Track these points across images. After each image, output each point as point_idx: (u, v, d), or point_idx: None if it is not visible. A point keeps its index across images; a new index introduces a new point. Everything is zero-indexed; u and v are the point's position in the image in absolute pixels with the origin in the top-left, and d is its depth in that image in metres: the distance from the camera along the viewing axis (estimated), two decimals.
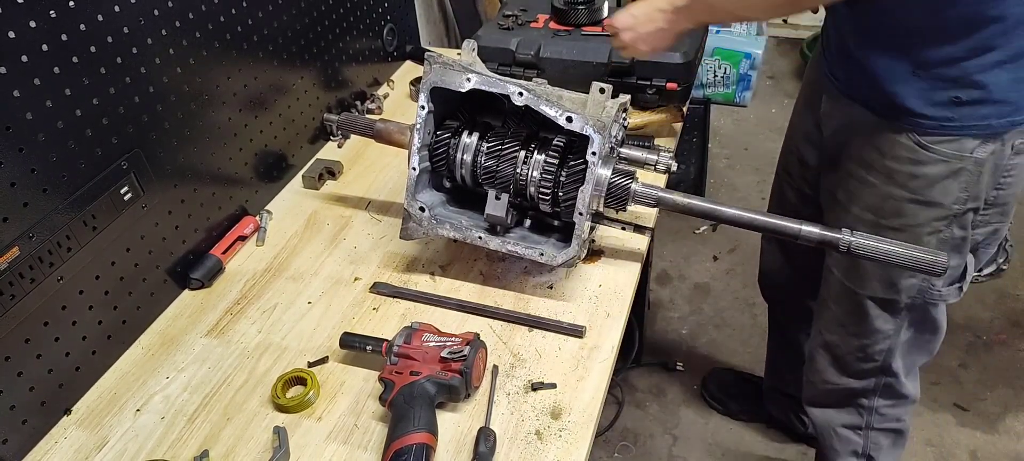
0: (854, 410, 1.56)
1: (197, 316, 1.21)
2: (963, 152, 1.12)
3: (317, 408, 1.04)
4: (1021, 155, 1.14)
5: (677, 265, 2.75)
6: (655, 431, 2.18)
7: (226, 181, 1.33)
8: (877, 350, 1.42)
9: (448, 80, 1.10)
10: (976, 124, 1.10)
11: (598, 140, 1.04)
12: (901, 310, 1.35)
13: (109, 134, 1.06)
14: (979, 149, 1.12)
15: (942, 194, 1.17)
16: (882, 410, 1.53)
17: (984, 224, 1.24)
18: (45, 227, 0.97)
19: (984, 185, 1.16)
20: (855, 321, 1.40)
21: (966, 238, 1.24)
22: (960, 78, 1.06)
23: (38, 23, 0.92)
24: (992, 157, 1.13)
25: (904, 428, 1.58)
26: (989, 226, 1.25)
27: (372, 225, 1.38)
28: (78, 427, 1.04)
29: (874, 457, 1.60)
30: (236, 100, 1.32)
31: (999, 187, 1.18)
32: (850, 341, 1.44)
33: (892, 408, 1.53)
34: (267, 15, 1.36)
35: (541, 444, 0.96)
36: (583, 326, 1.11)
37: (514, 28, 1.67)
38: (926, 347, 1.44)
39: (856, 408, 1.55)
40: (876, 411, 1.54)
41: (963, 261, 1.28)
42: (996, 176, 1.16)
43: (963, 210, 1.19)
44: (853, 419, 1.57)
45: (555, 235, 1.20)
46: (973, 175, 1.15)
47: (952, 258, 1.24)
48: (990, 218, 1.23)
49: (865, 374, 1.48)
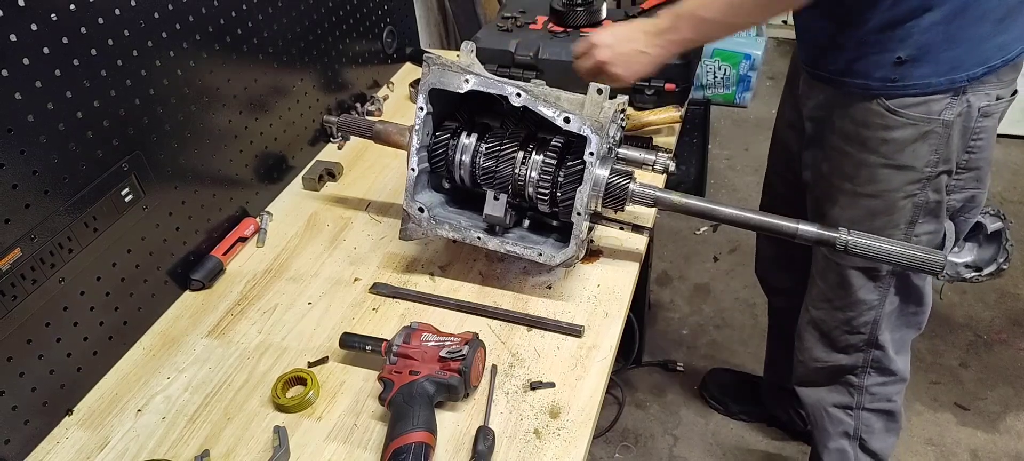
0: (844, 389, 1.56)
1: (198, 317, 1.22)
2: (931, 115, 1.15)
3: (317, 408, 1.04)
4: (989, 118, 1.18)
5: (677, 266, 2.76)
6: (656, 431, 2.19)
7: (227, 183, 1.34)
8: (862, 322, 1.43)
9: (447, 81, 1.10)
10: (915, 83, 1.14)
11: (595, 140, 1.05)
12: (883, 278, 1.36)
13: (110, 136, 1.06)
14: (946, 111, 1.15)
15: (912, 157, 1.20)
16: (872, 389, 1.54)
17: (959, 189, 1.27)
18: (47, 229, 0.98)
19: (954, 147, 1.19)
20: (840, 294, 1.42)
21: (941, 202, 1.26)
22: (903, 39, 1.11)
23: (39, 26, 0.93)
24: (960, 119, 1.16)
25: (896, 409, 1.58)
26: (965, 191, 1.28)
27: (372, 226, 1.39)
28: (80, 427, 1.05)
29: (866, 440, 1.60)
30: (236, 102, 1.33)
31: (970, 151, 1.21)
32: (836, 315, 1.46)
33: (882, 387, 1.54)
34: (267, 18, 1.37)
35: (540, 443, 0.96)
36: (582, 326, 1.12)
37: (513, 30, 1.68)
38: (913, 320, 1.46)
39: (846, 386, 1.56)
40: (866, 390, 1.54)
41: (941, 226, 1.30)
42: (965, 138, 1.19)
43: (936, 173, 1.22)
44: (843, 398, 1.58)
45: (554, 235, 1.21)
46: (941, 137, 1.17)
47: (929, 223, 1.27)
48: (965, 183, 1.26)
49: (853, 349, 1.49)
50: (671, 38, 1.18)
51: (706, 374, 2.28)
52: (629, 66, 1.22)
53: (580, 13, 1.64)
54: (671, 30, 1.17)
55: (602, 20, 1.67)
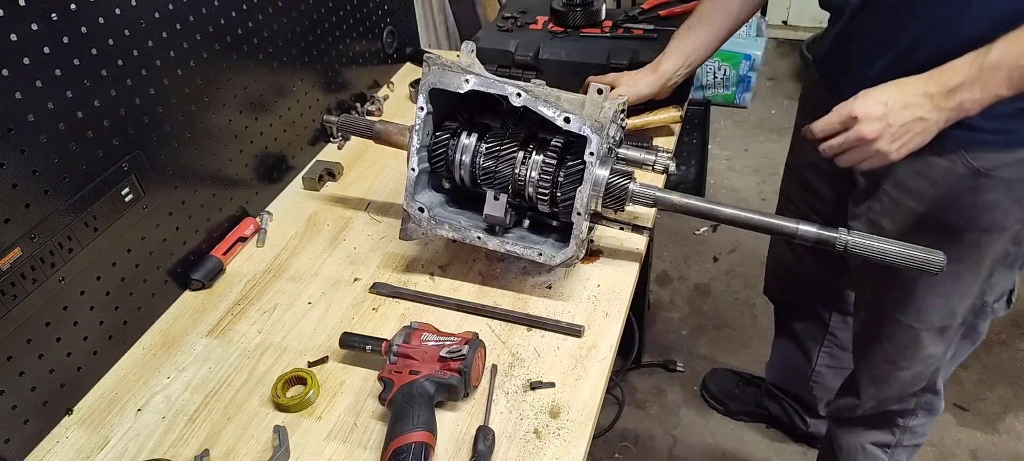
0: (888, 430, 1.54)
1: (198, 316, 1.22)
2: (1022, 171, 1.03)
3: (317, 407, 1.04)
4: None
5: (677, 266, 2.76)
6: (655, 432, 2.19)
7: (227, 182, 1.34)
8: (927, 375, 1.40)
9: (447, 81, 1.10)
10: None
11: (596, 140, 1.05)
12: (952, 329, 1.31)
13: (110, 136, 1.06)
14: None
15: (1003, 217, 1.10)
16: (916, 428, 1.52)
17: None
18: (47, 228, 0.98)
19: None
20: (910, 354, 1.36)
21: (1020, 253, 1.19)
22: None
23: (40, 26, 0.93)
24: None
25: (924, 441, 1.57)
26: None
27: (372, 226, 1.39)
28: (79, 427, 1.05)
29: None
30: (237, 102, 1.33)
31: None
32: (901, 375, 1.41)
33: (924, 425, 1.52)
34: (267, 18, 1.37)
35: (540, 442, 0.96)
36: (581, 325, 1.12)
37: (513, 30, 1.68)
38: (964, 355, 1.41)
39: (891, 428, 1.54)
40: (910, 429, 1.52)
41: (1014, 275, 1.23)
42: None
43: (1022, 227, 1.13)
44: (885, 437, 1.56)
45: (553, 235, 1.21)
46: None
47: (1004, 274, 1.20)
48: None
49: (911, 398, 1.46)
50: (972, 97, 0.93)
51: (706, 374, 2.28)
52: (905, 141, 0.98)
53: (580, 13, 1.65)
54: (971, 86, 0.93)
55: (602, 20, 1.67)
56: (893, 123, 0.97)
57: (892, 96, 0.97)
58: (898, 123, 0.96)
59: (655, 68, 1.39)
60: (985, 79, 0.91)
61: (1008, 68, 0.90)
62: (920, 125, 0.97)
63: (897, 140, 0.98)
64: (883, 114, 0.96)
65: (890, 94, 0.97)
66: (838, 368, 1.84)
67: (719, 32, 1.37)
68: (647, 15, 1.70)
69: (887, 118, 0.96)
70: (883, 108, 0.97)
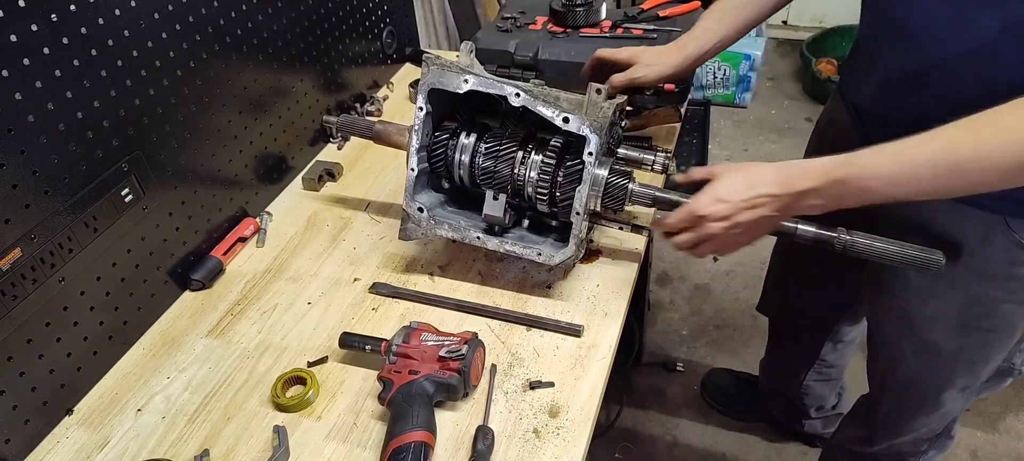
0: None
1: (198, 317, 1.22)
2: None
3: (317, 407, 1.04)
4: None
5: (677, 266, 2.76)
6: (655, 432, 2.19)
7: (226, 183, 1.34)
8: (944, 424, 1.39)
9: (446, 82, 1.10)
10: None
11: (595, 140, 1.05)
12: (975, 390, 1.29)
13: (110, 136, 1.07)
14: None
15: None
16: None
17: None
18: (47, 228, 0.98)
19: None
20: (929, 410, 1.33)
21: None
22: None
23: (40, 26, 0.93)
24: None
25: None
26: None
27: (371, 226, 1.39)
28: (80, 427, 1.05)
29: None
30: (236, 102, 1.33)
31: None
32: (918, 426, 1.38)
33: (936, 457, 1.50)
34: (267, 18, 1.37)
35: (539, 442, 0.96)
36: (581, 325, 1.12)
37: (512, 30, 1.68)
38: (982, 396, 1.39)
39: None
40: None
41: None
42: None
43: None
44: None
45: (553, 235, 1.21)
46: None
47: None
48: None
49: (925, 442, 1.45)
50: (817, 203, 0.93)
51: (705, 374, 2.28)
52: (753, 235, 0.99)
53: (579, 13, 1.65)
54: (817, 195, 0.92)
55: (601, 21, 1.67)
56: (739, 222, 0.96)
57: (739, 193, 0.95)
58: (744, 222, 0.96)
59: (681, 48, 1.30)
60: (831, 192, 0.91)
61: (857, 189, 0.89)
62: (765, 223, 0.97)
63: (744, 235, 0.99)
64: (729, 214, 0.96)
65: (737, 190, 0.95)
66: (827, 381, 1.85)
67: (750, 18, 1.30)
68: (647, 15, 1.70)
69: (732, 217, 0.96)
70: (728, 208, 0.96)
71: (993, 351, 1.18)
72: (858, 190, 0.89)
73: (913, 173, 0.85)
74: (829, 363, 1.79)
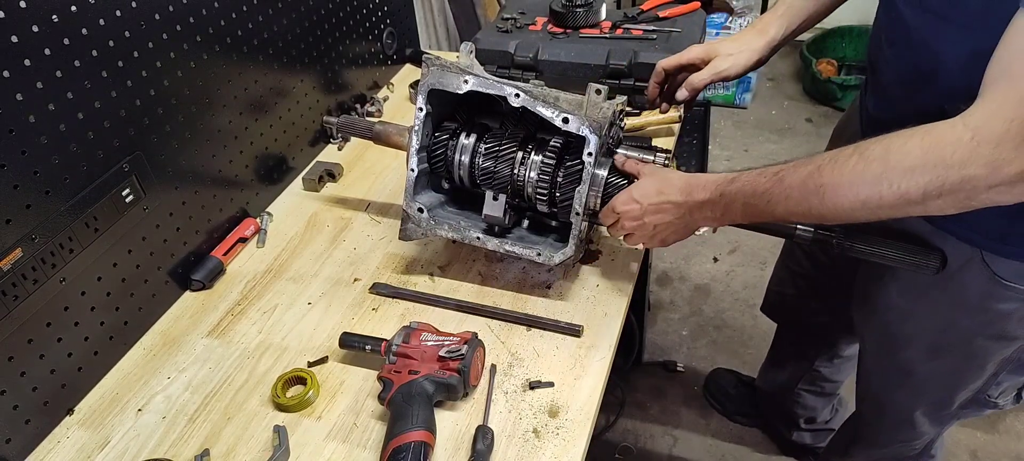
0: None
1: (198, 317, 1.22)
2: None
3: (317, 407, 1.04)
4: None
5: (677, 266, 2.76)
6: (655, 432, 2.19)
7: (227, 183, 1.35)
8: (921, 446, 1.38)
9: (446, 82, 1.11)
10: None
11: (594, 140, 1.05)
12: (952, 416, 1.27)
13: (111, 137, 1.07)
14: None
15: (1017, 326, 1.03)
16: None
17: None
18: (47, 229, 0.99)
19: None
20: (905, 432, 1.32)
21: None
22: None
23: (41, 27, 0.93)
24: None
25: None
26: None
27: (372, 226, 1.39)
28: (80, 427, 1.05)
29: None
30: (237, 103, 1.33)
31: None
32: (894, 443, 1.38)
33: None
34: (268, 19, 1.38)
35: (539, 442, 0.97)
36: (581, 325, 1.12)
37: (512, 31, 1.69)
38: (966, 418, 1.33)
39: None
40: None
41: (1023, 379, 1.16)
42: None
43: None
44: None
45: (553, 235, 1.21)
46: None
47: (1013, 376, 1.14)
48: None
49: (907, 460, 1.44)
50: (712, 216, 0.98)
51: (709, 374, 2.28)
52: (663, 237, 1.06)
53: (579, 14, 1.65)
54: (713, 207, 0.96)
55: (601, 21, 1.67)
56: (647, 222, 1.04)
57: (649, 197, 1.02)
58: (651, 223, 1.04)
59: (763, 31, 1.24)
60: (724, 204, 0.94)
61: (743, 201, 0.92)
62: (672, 226, 1.03)
63: (655, 237, 1.06)
64: (639, 215, 1.04)
65: (648, 193, 1.02)
66: (820, 394, 1.84)
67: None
68: (646, 16, 1.70)
69: (642, 218, 1.04)
70: (638, 209, 1.03)
71: (965, 380, 1.16)
72: (743, 205, 0.92)
73: (785, 194, 0.87)
74: (824, 376, 1.78)
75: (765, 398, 2.06)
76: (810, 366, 1.77)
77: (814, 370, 1.77)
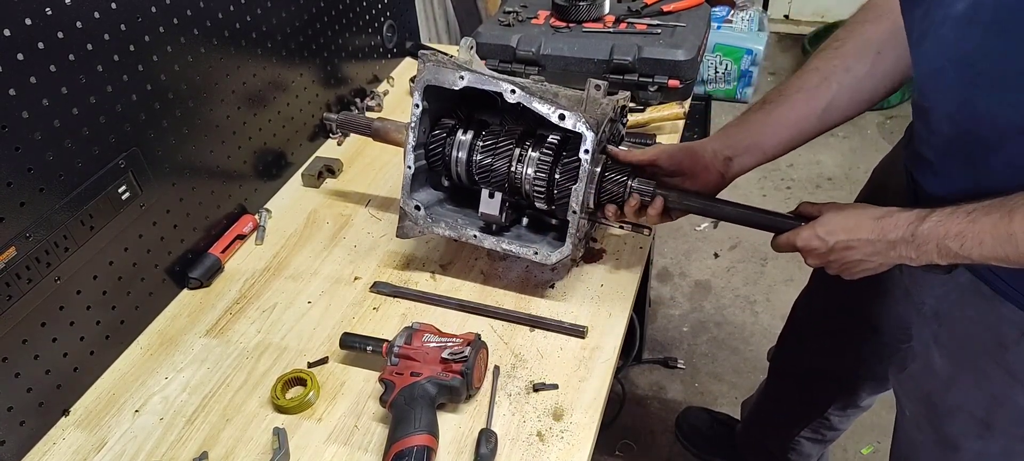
0: None
1: (196, 316, 1.20)
2: None
3: (317, 409, 1.03)
4: None
5: (678, 262, 2.75)
6: (656, 429, 2.18)
7: (225, 179, 1.33)
8: None
9: (442, 78, 1.09)
10: None
11: (591, 137, 1.03)
12: None
13: (106, 132, 1.05)
14: None
15: None
16: None
17: None
18: (42, 227, 0.97)
19: None
20: None
21: None
22: None
23: (34, 21, 0.91)
24: None
25: None
26: None
27: (372, 223, 1.38)
28: (76, 428, 1.04)
29: None
30: (235, 97, 1.31)
31: None
32: None
33: None
34: (266, 12, 1.35)
35: (543, 445, 0.95)
36: (585, 326, 1.10)
37: (514, 25, 1.67)
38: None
39: None
40: None
41: None
42: None
43: None
44: None
45: (552, 234, 1.19)
46: None
47: None
48: None
49: None
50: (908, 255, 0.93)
51: (680, 413, 2.16)
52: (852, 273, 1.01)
53: (582, 7, 1.63)
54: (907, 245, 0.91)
55: (604, 15, 1.65)
56: (834, 260, 0.99)
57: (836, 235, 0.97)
58: (839, 261, 0.99)
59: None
60: (917, 243, 0.90)
61: (936, 242, 0.88)
62: (863, 264, 0.98)
63: (844, 271, 1.01)
64: (826, 251, 0.98)
65: (838, 228, 0.97)
66: (820, 442, 1.72)
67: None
68: (650, 10, 1.68)
69: (829, 255, 0.98)
70: (825, 245, 0.98)
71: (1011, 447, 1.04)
72: (937, 246, 0.88)
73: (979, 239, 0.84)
74: (832, 425, 1.66)
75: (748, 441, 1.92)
76: (821, 415, 1.64)
77: (824, 418, 1.64)
